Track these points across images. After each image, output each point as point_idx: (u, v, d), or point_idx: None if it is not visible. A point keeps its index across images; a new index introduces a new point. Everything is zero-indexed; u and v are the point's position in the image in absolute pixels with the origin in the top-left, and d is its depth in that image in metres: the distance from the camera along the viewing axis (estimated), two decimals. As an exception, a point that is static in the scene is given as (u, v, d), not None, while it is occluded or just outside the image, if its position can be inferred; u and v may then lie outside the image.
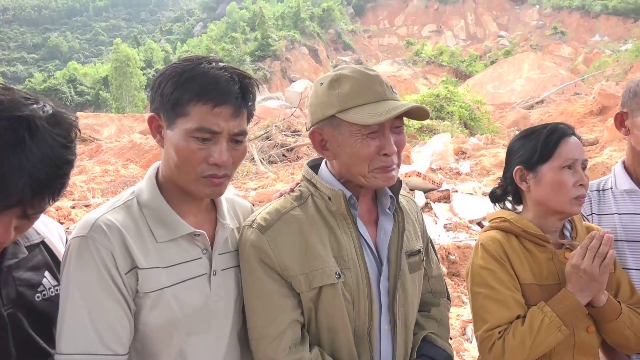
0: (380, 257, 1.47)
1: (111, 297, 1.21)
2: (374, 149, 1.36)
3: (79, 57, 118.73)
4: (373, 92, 1.37)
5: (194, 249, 1.34)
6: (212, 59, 1.31)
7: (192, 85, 1.24)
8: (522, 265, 1.62)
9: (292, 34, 63.58)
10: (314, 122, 1.43)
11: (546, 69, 30.05)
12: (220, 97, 1.25)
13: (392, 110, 1.32)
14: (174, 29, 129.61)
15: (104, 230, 1.22)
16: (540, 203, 1.67)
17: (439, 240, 6.04)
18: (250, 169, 12.30)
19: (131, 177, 12.73)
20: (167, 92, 1.25)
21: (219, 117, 1.25)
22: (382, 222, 1.49)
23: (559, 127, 1.66)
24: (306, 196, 1.46)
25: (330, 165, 1.48)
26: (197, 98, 1.24)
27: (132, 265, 1.24)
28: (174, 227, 1.31)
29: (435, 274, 1.68)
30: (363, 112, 1.33)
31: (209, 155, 1.27)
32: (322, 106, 1.39)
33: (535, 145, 1.66)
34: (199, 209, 1.40)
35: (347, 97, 1.36)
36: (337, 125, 1.38)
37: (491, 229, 1.73)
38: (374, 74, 1.39)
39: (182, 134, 1.25)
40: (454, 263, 5.60)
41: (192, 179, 1.29)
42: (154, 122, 1.31)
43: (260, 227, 1.39)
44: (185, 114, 1.24)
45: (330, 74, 1.43)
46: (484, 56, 52.73)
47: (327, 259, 1.37)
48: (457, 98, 17.95)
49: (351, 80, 1.37)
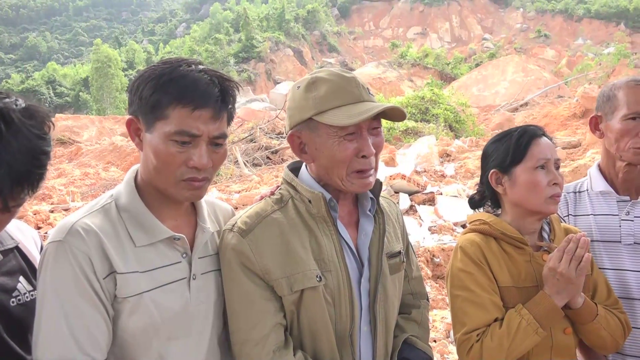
0: (361, 258, 1.48)
1: (89, 302, 1.20)
2: (351, 151, 1.37)
3: (59, 57, 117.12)
4: (349, 94, 1.38)
5: (174, 253, 1.34)
6: (192, 61, 1.31)
7: (171, 88, 1.24)
8: (500, 268, 1.65)
9: (277, 35, 63.55)
10: (292, 126, 1.44)
11: (530, 71, 30.42)
12: (200, 100, 1.25)
13: (368, 111, 1.34)
14: (157, 29, 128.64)
15: (81, 235, 1.22)
16: (516, 204, 1.70)
17: (424, 242, 6.08)
18: (234, 172, 12.25)
19: (112, 181, 12.59)
20: (145, 94, 1.25)
21: (199, 120, 1.26)
22: (362, 223, 1.51)
23: (529, 128, 1.70)
24: (286, 199, 1.47)
25: (310, 168, 1.49)
26: (177, 101, 1.24)
27: (110, 269, 1.23)
28: (153, 231, 1.31)
29: (415, 276, 1.70)
30: (339, 113, 1.35)
31: (188, 159, 1.27)
32: (300, 109, 1.41)
33: (507, 148, 1.69)
34: (178, 212, 1.40)
35: (323, 99, 1.37)
36: (314, 128, 1.39)
37: (470, 231, 1.76)
38: (349, 76, 1.41)
39: (161, 137, 1.25)
40: (439, 266, 5.65)
41: (171, 183, 1.29)
42: (133, 125, 1.30)
43: (241, 230, 1.39)
44: (164, 117, 1.25)
45: (307, 77, 1.46)
46: (468, 59, 53.22)
47: (308, 262, 1.38)
48: (442, 100, 18.08)
49: (327, 82, 1.39)
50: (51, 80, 61.52)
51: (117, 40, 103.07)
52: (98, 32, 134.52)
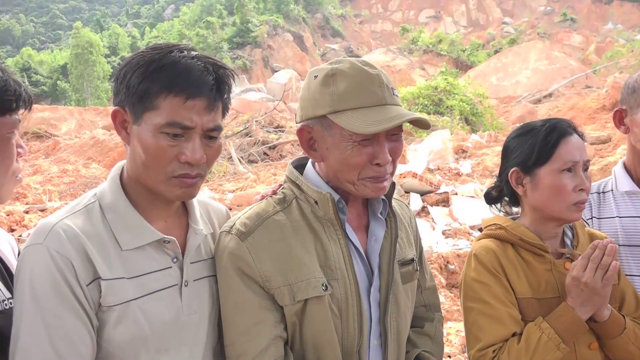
0: (371, 265, 1.48)
1: (71, 311, 1.21)
2: (365, 157, 1.36)
3: (34, 42, 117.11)
4: (371, 95, 1.36)
5: (163, 258, 1.35)
6: (184, 47, 1.32)
7: (162, 76, 1.25)
8: (518, 278, 1.65)
9: (275, 18, 63.47)
10: (303, 118, 1.43)
11: (555, 59, 30.36)
12: (193, 89, 1.26)
13: (390, 120, 1.32)
14: (142, 12, 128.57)
15: (62, 237, 1.22)
16: (537, 208, 1.70)
17: (437, 248, 6.08)
18: (228, 169, 12.27)
19: (93, 178, 12.62)
20: (133, 83, 1.25)
21: (192, 110, 1.26)
22: (373, 227, 1.51)
23: (559, 124, 1.68)
24: (290, 199, 1.47)
25: (318, 166, 1.49)
26: (168, 90, 1.24)
27: (94, 275, 1.24)
28: (141, 234, 1.32)
29: (429, 286, 1.70)
30: (358, 117, 1.33)
31: (180, 153, 1.27)
32: (314, 103, 1.39)
33: (533, 146, 1.68)
34: (168, 213, 1.40)
35: (341, 97, 1.35)
36: (328, 126, 1.38)
37: (485, 237, 1.75)
38: (374, 73, 1.39)
39: (151, 129, 1.26)
40: (453, 273, 5.65)
41: (161, 180, 1.29)
42: (119, 116, 1.31)
43: (239, 233, 1.39)
44: (154, 108, 1.25)
45: (326, 67, 1.43)
46: (487, 45, 53.12)
47: (313, 268, 1.38)
48: (458, 91, 18.08)
49: (348, 78, 1.37)
50: (26, 68, 61.56)
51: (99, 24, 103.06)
52: (78, 15, 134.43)
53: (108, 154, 16.01)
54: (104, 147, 16.68)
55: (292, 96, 28.00)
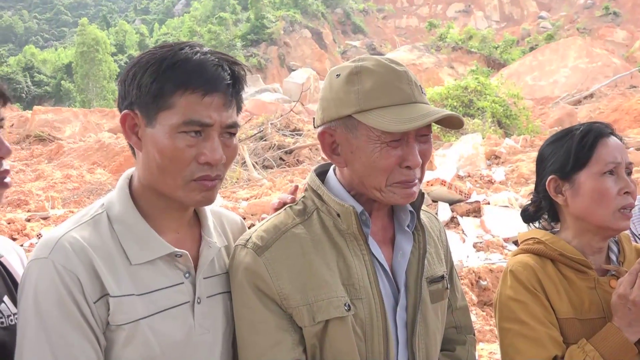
0: (397, 283, 1.47)
1: (77, 330, 1.21)
2: (394, 159, 1.36)
3: (37, 40, 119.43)
4: (399, 93, 1.36)
5: (175, 273, 1.35)
6: (194, 44, 1.34)
7: (176, 73, 1.26)
8: (559, 296, 1.63)
9: (292, 14, 63.92)
10: (325, 120, 1.43)
11: (596, 56, 30.07)
12: (210, 85, 1.27)
13: (422, 118, 1.32)
14: (151, 7, 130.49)
15: (69, 251, 1.23)
16: (579, 218, 1.68)
17: (468, 262, 6.04)
18: (242, 175, 12.33)
19: (98, 184, 12.78)
20: (145, 82, 1.27)
21: (210, 107, 1.28)
22: (399, 241, 1.50)
23: (595, 126, 1.68)
24: (311, 210, 1.47)
25: (340, 172, 1.48)
26: (184, 87, 1.26)
27: (101, 292, 1.25)
28: (151, 247, 1.32)
29: (460, 305, 1.69)
30: (386, 115, 1.33)
31: (199, 154, 1.29)
32: (338, 103, 1.39)
33: (569, 150, 1.67)
34: (180, 224, 1.41)
35: (368, 95, 1.36)
36: (353, 127, 1.38)
37: (522, 252, 1.74)
38: (401, 70, 1.39)
39: (166, 130, 1.27)
40: (485, 290, 5.60)
41: (179, 184, 1.30)
42: (128, 120, 1.32)
43: (256, 247, 1.39)
44: (170, 107, 1.27)
45: (349, 64, 1.44)
46: (521, 41, 52.84)
47: (335, 287, 1.37)
48: (489, 91, 17.99)
49: (374, 75, 1.37)
50: (29, 67, 62.73)
51: (106, 20, 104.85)
52: (83, 11, 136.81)
53: (114, 158, 16.21)
54: (110, 151, 16.90)
55: (310, 97, 28.13)
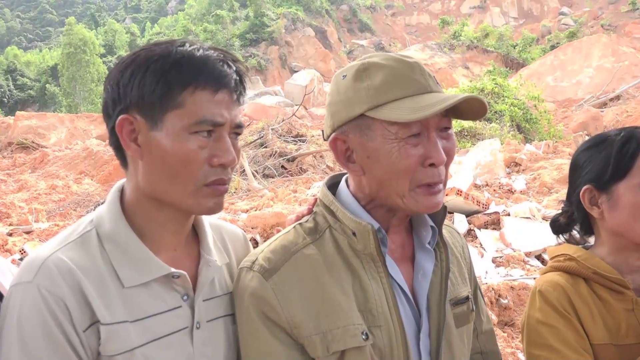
0: (419, 306, 1.45)
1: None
2: (416, 158, 1.34)
3: (21, 40, 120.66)
4: (413, 83, 1.36)
5: (172, 296, 1.34)
6: (191, 40, 1.35)
7: (183, 70, 1.27)
8: (593, 320, 1.62)
9: (294, 11, 64.37)
10: (335, 127, 1.42)
11: (622, 55, 30.15)
12: (219, 81, 1.29)
13: (442, 102, 1.31)
14: (142, 5, 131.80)
15: (55, 274, 1.22)
16: (617, 234, 1.67)
17: (487, 278, 6.03)
18: (240, 185, 12.35)
19: (86, 196, 12.82)
20: (148, 82, 1.27)
21: (221, 104, 1.29)
22: (420, 260, 1.49)
23: (637, 132, 1.67)
24: (323, 229, 1.46)
25: (356, 183, 1.47)
26: (195, 83, 1.27)
27: (92, 319, 1.23)
28: (146, 267, 1.31)
29: (485, 329, 1.68)
30: (402, 106, 1.32)
31: (212, 155, 1.29)
32: (347, 103, 1.39)
33: (608, 158, 1.66)
34: (178, 240, 1.40)
35: (379, 89, 1.35)
36: (366, 128, 1.37)
37: (552, 270, 1.73)
38: (412, 61, 1.40)
39: (176, 132, 1.27)
40: (507, 309, 5.57)
41: (190, 190, 1.30)
42: (127, 125, 1.30)
43: (262, 270, 1.38)
44: (178, 106, 1.27)
45: (355, 63, 1.44)
46: (541, 39, 53.04)
47: (351, 313, 1.36)
48: (508, 93, 18.03)
49: (384, 68, 1.37)
50: (11, 69, 63.37)
51: (94, 19, 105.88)
52: (70, 9, 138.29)
53: (103, 167, 16.27)
54: (99, 160, 16.96)
55: (313, 100, 28.24)
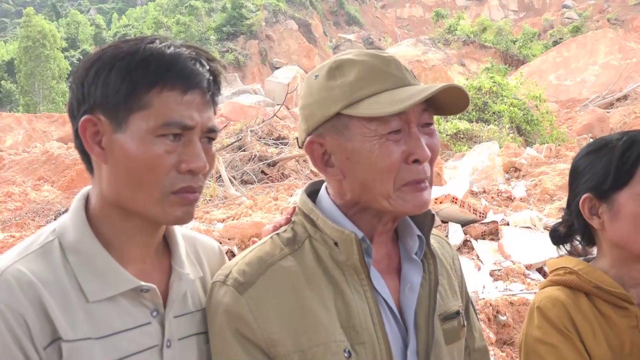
0: (406, 322, 1.46)
1: None
2: (399, 155, 1.36)
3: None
4: (390, 77, 1.39)
5: (141, 311, 1.34)
6: (162, 36, 1.35)
7: (150, 68, 1.27)
8: (595, 337, 1.63)
9: (275, 2, 64.36)
10: (310, 130, 1.43)
11: (630, 51, 30.45)
12: (190, 81, 1.29)
13: (421, 92, 1.33)
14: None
15: (13, 287, 1.22)
16: (618, 245, 1.68)
17: (484, 293, 6.05)
18: (216, 192, 12.31)
19: (45, 204, 12.70)
20: (113, 80, 1.27)
21: (191, 106, 1.29)
22: (406, 272, 1.50)
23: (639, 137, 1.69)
24: (302, 239, 1.46)
25: (335, 188, 1.47)
26: (162, 83, 1.27)
27: (53, 336, 1.23)
28: (113, 280, 1.31)
29: (479, 347, 1.69)
30: (379, 101, 1.35)
31: (180, 161, 1.29)
32: (321, 104, 1.40)
33: (608, 164, 1.68)
34: (147, 252, 1.40)
35: (354, 85, 1.37)
36: (343, 128, 1.38)
37: (552, 284, 1.75)
38: (387, 56, 1.42)
39: (141, 134, 1.27)
40: (505, 326, 5.60)
41: (156, 198, 1.30)
42: (90, 127, 1.31)
43: (237, 284, 1.38)
44: (144, 107, 1.27)
45: (327, 62, 1.46)
46: (543, 34, 53.45)
47: (333, 329, 1.36)
48: (507, 92, 18.15)
49: (358, 64, 1.40)
50: (-38, 65, 62.71)
51: (55, 10, 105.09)
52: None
53: (64, 172, 16.14)
54: (60, 164, 16.83)
55: (296, 99, 28.17)
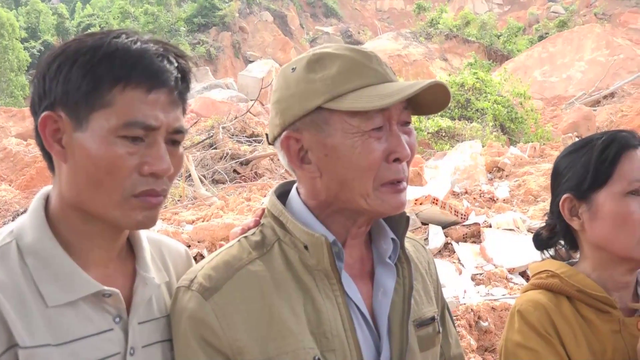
0: (378, 328, 1.47)
1: None
2: (380, 153, 1.37)
3: None
4: (372, 72, 1.40)
5: (102, 317, 1.34)
6: (130, 31, 1.35)
7: (114, 64, 1.27)
8: (576, 342, 1.65)
9: (249, -8, 64.01)
10: (286, 124, 1.44)
11: (618, 48, 30.70)
12: (155, 79, 1.29)
13: (409, 88, 1.35)
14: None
15: None
16: (599, 246, 1.71)
17: (465, 298, 6.07)
18: (186, 192, 12.23)
19: (3, 204, 12.54)
20: (75, 76, 1.27)
21: (156, 106, 1.29)
22: (380, 276, 1.51)
23: (619, 135, 1.71)
24: (271, 242, 1.47)
25: (309, 188, 1.48)
26: (125, 80, 1.27)
27: (9, 342, 1.22)
28: (73, 285, 1.31)
29: (454, 354, 1.71)
30: (364, 95, 1.36)
31: (142, 163, 1.29)
32: (300, 97, 1.41)
33: (587, 164, 1.70)
34: (110, 255, 1.40)
35: (337, 79, 1.38)
36: (323, 123, 1.39)
37: (534, 287, 1.77)
38: (368, 51, 1.44)
39: (102, 134, 1.27)
40: (487, 332, 5.62)
41: (117, 201, 1.30)
42: (50, 124, 1.31)
43: (202, 289, 1.39)
44: (106, 105, 1.27)
45: (304, 55, 1.47)
46: (528, 29, 53.76)
47: (302, 337, 1.37)
48: (491, 89, 18.22)
49: (339, 58, 1.41)
50: None
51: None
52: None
53: (23, 171, 15.93)
54: (18, 162, 16.61)
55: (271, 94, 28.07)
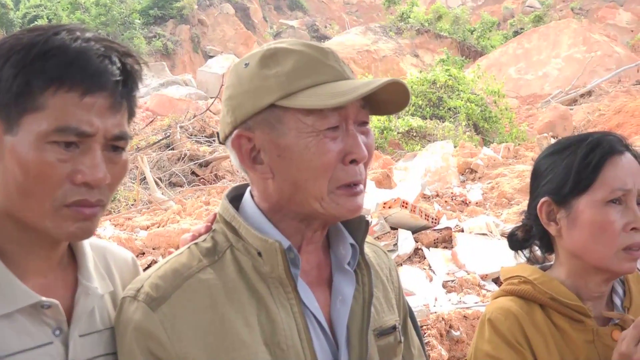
0: (337, 338, 1.48)
1: None
2: (335, 154, 1.38)
3: None
4: (329, 69, 1.41)
5: (41, 329, 1.33)
6: (74, 27, 1.33)
7: (48, 64, 1.26)
8: (548, 353, 1.66)
9: (209, -18, 63.74)
10: (238, 122, 1.44)
11: (595, 44, 31.11)
12: (92, 81, 1.27)
13: (365, 86, 1.36)
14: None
15: None
16: (575, 255, 1.72)
17: (436, 306, 6.10)
18: (140, 196, 12.13)
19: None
20: (6, 76, 1.26)
21: (91, 110, 1.28)
22: (338, 284, 1.51)
23: (606, 139, 1.72)
24: (223, 249, 1.47)
25: (261, 190, 1.48)
26: (58, 82, 1.26)
27: None
28: (8, 296, 1.29)
29: None
30: (319, 93, 1.36)
31: (75, 171, 1.28)
32: (253, 94, 1.41)
33: (569, 168, 1.71)
34: (49, 264, 1.39)
35: (291, 75, 1.39)
36: (277, 121, 1.40)
37: (505, 294, 1.78)
38: (325, 47, 1.45)
39: (33, 139, 1.26)
40: (459, 342, 5.66)
41: (47, 211, 1.29)
42: None
43: (149, 299, 1.38)
44: (38, 108, 1.26)
45: (258, 50, 1.48)
46: (503, 24, 54.27)
47: (255, 348, 1.37)
48: (464, 87, 18.34)
49: (294, 54, 1.42)
50: None
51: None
52: None
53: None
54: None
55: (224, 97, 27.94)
